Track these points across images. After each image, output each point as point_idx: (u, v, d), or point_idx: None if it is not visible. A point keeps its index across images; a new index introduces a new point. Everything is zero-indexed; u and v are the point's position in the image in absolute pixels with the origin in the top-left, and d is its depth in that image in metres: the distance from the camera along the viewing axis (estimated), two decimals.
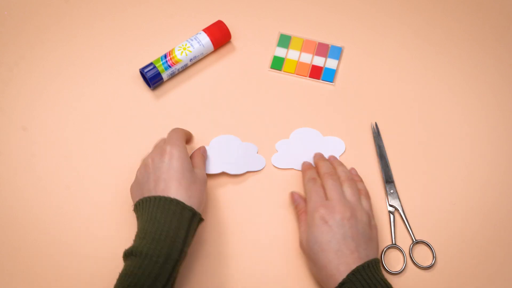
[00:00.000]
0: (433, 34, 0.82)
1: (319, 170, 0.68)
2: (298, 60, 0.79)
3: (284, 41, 0.80)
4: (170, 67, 0.75)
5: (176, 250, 0.58)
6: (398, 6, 0.83)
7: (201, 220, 0.63)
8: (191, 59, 0.77)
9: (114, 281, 0.65)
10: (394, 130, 0.75)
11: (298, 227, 0.66)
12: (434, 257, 0.67)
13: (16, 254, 0.68)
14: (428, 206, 0.71)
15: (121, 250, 0.61)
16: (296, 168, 0.73)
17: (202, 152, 0.70)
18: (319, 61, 0.79)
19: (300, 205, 0.67)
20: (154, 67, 0.75)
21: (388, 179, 0.72)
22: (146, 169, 0.64)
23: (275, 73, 0.79)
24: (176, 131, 0.68)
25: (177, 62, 0.76)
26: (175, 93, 0.77)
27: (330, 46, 0.80)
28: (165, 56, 0.76)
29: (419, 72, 0.79)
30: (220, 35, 0.78)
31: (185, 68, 0.78)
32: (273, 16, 0.82)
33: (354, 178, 0.68)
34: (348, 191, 0.65)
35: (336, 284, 0.58)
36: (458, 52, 0.80)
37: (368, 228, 0.63)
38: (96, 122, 0.75)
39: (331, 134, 0.75)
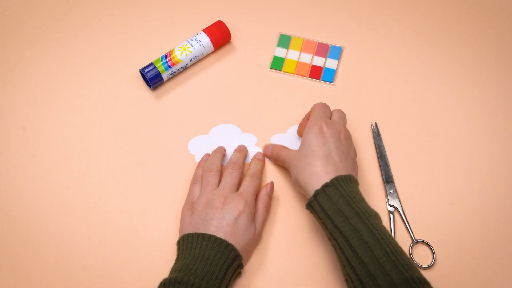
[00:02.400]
0: (433, 34, 0.82)
1: (313, 110, 0.70)
2: (298, 60, 0.79)
3: (284, 41, 0.80)
4: (170, 67, 0.75)
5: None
6: (398, 6, 0.83)
7: (239, 273, 0.64)
8: (191, 60, 0.77)
9: (114, 280, 0.65)
10: (394, 130, 0.75)
11: (279, 157, 0.69)
12: (433, 257, 0.67)
13: (16, 254, 0.68)
14: (428, 206, 0.71)
15: (121, 249, 0.61)
16: None
17: (269, 193, 0.69)
18: (319, 61, 0.79)
19: (267, 148, 0.72)
20: (154, 67, 0.75)
21: (388, 179, 0.72)
22: (211, 209, 0.63)
23: (275, 73, 0.79)
24: (255, 186, 0.67)
25: (177, 62, 0.76)
26: (175, 93, 0.77)
27: (330, 46, 0.80)
28: (165, 56, 0.76)
29: (419, 72, 0.79)
30: (220, 35, 0.78)
31: (185, 68, 0.78)
32: (273, 16, 0.82)
33: None
34: (343, 121, 0.68)
35: (320, 183, 0.60)
36: (458, 52, 0.81)
37: (355, 157, 0.67)
38: (96, 122, 0.75)
39: None
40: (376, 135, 0.74)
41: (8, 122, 0.75)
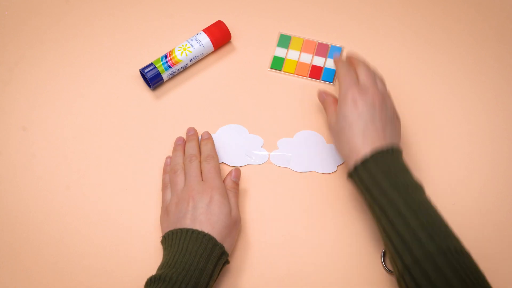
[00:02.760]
0: (433, 34, 0.82)
1: (353, 61, 0.70)
2: (298, 60, 0.79)
3: (284, 41, 0.80)
4: (170, 67, 0.75)
5: (203, 283, 0.58)
6: (398, 6, 0.83)
7: (226, 262, 0.64)
8: (191, 60, 0.77)
9: (114, 280, 0.65)
10: None
11: (326, 113, 0.69)
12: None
13: (16, 254, 0.68)
14: None
15: (121, 249, 0.61)
16: (292, 169, 0.73)
17: (234, 178, 0.69)
18: (319, 61, 0.79)
19: (328, 98, 0.70)
20: (154, 67, 0.75)
21: None
22: (183, 205, 0.64)
23: (275, 73, 0.79)
24: (213, 167, 0.67)
25: (177, 62, 0.76)
26: (175, 93, 0.77)
27: (330, 46, 0.80)
28: (165, 56, 0.76)
29: (419, 72, 0.79)
30: (220, 35, 0.78)
31: (185, 68, 0.78)
32: (273, 16, 0.82)
33: None
34: (379, 82, 0.67)
35: (359, 158, 0.61)
36: (458, 52, 0.80)
37: (395, 117, 0.67)
38: (96, 122, 0.75)
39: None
40: None
41: (8, 122, 0.75)
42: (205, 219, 0.62)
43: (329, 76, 0.78)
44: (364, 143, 0.62)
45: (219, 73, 0.79)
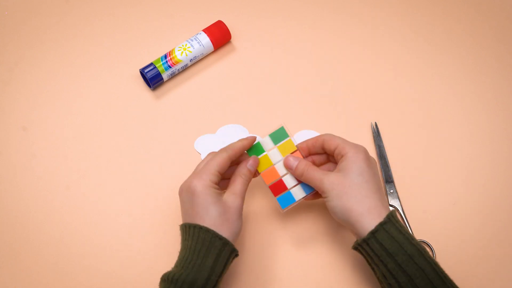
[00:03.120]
0: (433, 34, 0.82)
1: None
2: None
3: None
4: (170, 67, 0.75)
5: (202, 277, 0.57)
6: (398, 6, 0.84)
7: (234, 252, 0.60)
8: (191, 59, 0.77)
9: (114, 280, 0.65)
10: (394, 130, 0.75)
11: (314, 177, 0.62)
12: (434, 257, 0.67)
13: (16, 254, 0.68)
14: (428, 206, 0.71)
15: (121, 249, 0.61)
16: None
17: (250, 166, 0.64)
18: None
19: (300, 163, 0.64)
20: (154, 67, 0.75)
21: (388, 179, 0.72)
22: (186, 195, 0.61)
23: (275, 73, 0.79)
24: (212, 159, 0.62)
25: (177, 62, 0.76)
26: (175, 93, 0.77)
27: None
28: (165, 56, 0.76)
29: (419, 72, 0.79)
30: (220, 35, 0.78)
31: (185, 68, 0.78)
32: (273, 16, 0.82)
33: None
34: None
35: (381, 216, 0.57)
36: (458, 52, 0.81)
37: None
38: (96, 122, 0.75)
39: (331, 132, 0.74)
40: (376, 135, 0.74)
41: (8, 122, 0.75)
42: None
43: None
44: (383, 204, 0.58)
45: (219, 73, 0.79)
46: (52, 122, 0.75)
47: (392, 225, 0.56)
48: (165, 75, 0.76)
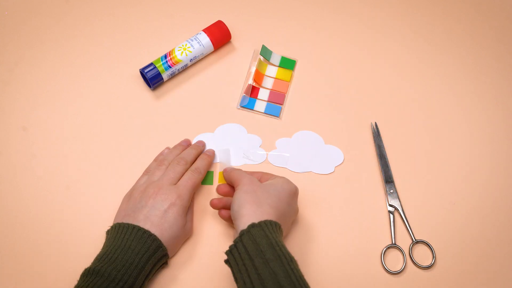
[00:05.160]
0: (433, 34, 0.82)
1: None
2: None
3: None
4: (170, 67, 0.75)
5: (139, 281, 0.59)
6: (398, 6, 0.84)
7: (165, 263, 0.64)
8: (191, 59, 0.77)
9: None
10: (394, 130, 0.75)
11: (232, 175, 0.66)
12: (433, 257, 0.67)
13: (16, 254, 0.68)
14: (428, 206, 0.71)
15: None
16: (289, 169, 0.73)
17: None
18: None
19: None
20: (154, 67, 0.75)
21: (388, 179, 0.72)
22: (144, 198, 0.64)
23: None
24: (194, 181, 0.67)
25: (177, 62, 0.76)
26: (175, 93, 0.77)
27: None
28: (165, 56, 0.76)
29: (419, 72, 0.79)
30: (220, 35, 0.78)
31: (185, 68, 0.78)
32: (273, 16, 0.82)
33: None
34: None
35: (247, 223, 0.57)
36: (458, 52, 0.81)
37: (291, 216, 0.65)
38: (96, 122, 0.75)
39: (331, 133, 0.75)
40: (376, 135, 0.74)
41: (8, 122, 0.75)
42: (158, 222, 0.62)
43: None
44: (256, 213, 0.58)
45: (219, 73, 0.79)
46: (52, 122, 0.75)
47: (261, 229, 0.56)
48: (165, 75, 0.76)
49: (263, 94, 0.77)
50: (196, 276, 0.66)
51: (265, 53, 0.78)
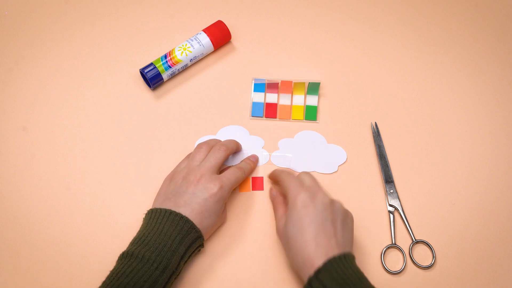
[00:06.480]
0: (433, 34, 0.82)
1: (280, 176, 0.68)
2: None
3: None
4: (170, 67, 0.75)
5: (174, 263, 0.60)
6: (398, 6, 0.84)
7: (201, 245, 0.65)
8: (191, 59, 0.77)
9: None
10: (394, 130, 0.75)
11: (275, 215, 0.67)
12: (434, 257, 0.67)
13: (16, 254, 0.68)
14: (428, 206, 0.71)
15: (122, 249, 0.61)
16: (293, 169, 0.73)
17: (253, 158, 0.71)
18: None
19: (277, 199, 0.68)
20: (154, 67, 0.75)
21: (388, 179, 0.72)
22: (187, 183, 0.64)
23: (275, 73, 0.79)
24: (239, 174, 0.68)
25: (177, 62, 0.76)
26: (175, 93, 0.77)
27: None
28: (165, 56, 0.76)
29: (419, 72, 0.79)
30: (220, 35, 0.78)
31: (185, 68, 0.78)
32: (273, 16, 0.82)
33: None
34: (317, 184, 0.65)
35: (313, 268, 0.56)
36: (458, 52, 0.81)
37: (346, 216, 0.62)
38: (96, 122, 0.75)
39: (331, 132, 0.75)
40: (376, 135, 0.74)
41: (8, 122, 0.75)
42: (199, 210, 0.62)
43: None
44: (316, 252, 0.57)
45: (219, 73, 0.79)
46: (52, 122, 0.75)
47: (328, 274, 0.55)
48: (165, 75, 0.76)
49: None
50: (232, 266, 0.67)
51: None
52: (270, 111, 0.76)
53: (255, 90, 0.77)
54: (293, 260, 0.60)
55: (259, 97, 0.76)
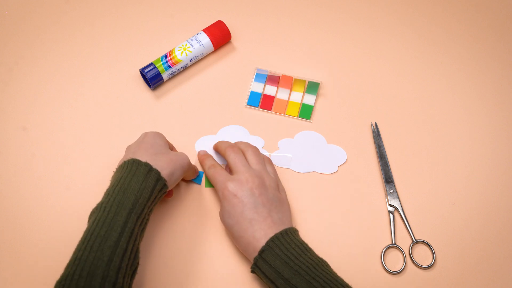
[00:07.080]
0: (433, 34, 0.82)
1: (219, 148, 0.70)
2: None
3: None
4: (170, 67, 0.75)
5: (128, 200, 0.58)
6: (398, 6, 0.84)
7: (164, 186, 0.62)
8: (191, 59, 0.77)
9: None
10: (394, 130, 0.75)
11: (213, 178, 0.67)
12: (433, 257, 0.67)
13: (16, 254, 0.68)
14: (428, 206, 0.71)
15: None
16: (293, 169, 0.73)
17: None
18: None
19: (207, 159, 0.70)
20: (154, 67, 0.75)
21: (388, 179, 0.72)
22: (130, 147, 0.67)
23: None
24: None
25: (177, 62, 0.76)
26: (175, 93, 0.77)
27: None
28: (165, 56, 0.76)
29: (419, 72, 0.79)
30: (220, 35, 0.78)
31: (185, 68, 0.78)
32: (273, 16, 0.82)
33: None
34: (252, 159, 0.66)
35: (256, 251, 0.60)
36: (458, 52, 0.81)
37: (277, 192, 0.65)
38: (96, 122, 0.75)
39: (331, 133, 0.75)
40: (376, 135, 0.74)
41: (8, 122, 0.75)
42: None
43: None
44: (254, 235, 0.60)
45: (219, 73, 0.79)
46: (52, 122, 0.75)
47: (270, 252, 0.58)
48: (165, 75, 0.76)
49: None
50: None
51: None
52: (266, 102, 0.76)
53: (255, 80, 0.77)
54: (238, 245, 0.63)
55: (258, 87, 0.77)
